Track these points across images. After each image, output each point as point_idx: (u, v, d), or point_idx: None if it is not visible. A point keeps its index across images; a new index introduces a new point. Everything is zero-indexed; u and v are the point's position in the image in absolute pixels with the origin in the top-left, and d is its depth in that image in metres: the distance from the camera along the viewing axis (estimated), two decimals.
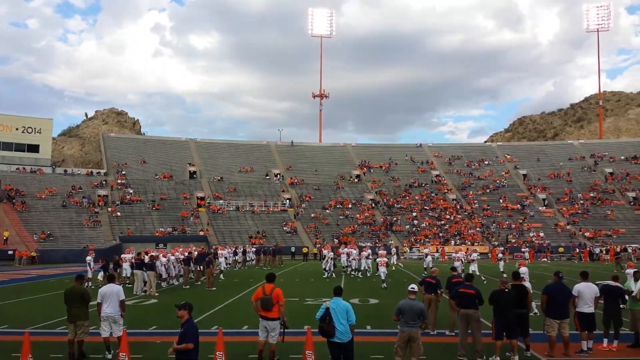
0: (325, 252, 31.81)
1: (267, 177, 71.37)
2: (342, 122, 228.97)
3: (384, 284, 23.52)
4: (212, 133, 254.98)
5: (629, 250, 50.71)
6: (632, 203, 65.19)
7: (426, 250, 34.45)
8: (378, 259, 26.05)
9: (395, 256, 35.26)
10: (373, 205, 65.59)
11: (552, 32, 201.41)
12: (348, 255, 31.08)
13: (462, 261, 29.61)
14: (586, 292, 10.85)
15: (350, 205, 65.17)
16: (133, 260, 24.02)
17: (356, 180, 72.34)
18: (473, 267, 27.68)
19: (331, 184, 70.36)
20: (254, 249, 43.62)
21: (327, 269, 29.72)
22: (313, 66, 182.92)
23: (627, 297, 11.48)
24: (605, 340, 11.12)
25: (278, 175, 71.72)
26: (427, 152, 79.61)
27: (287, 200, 65.33)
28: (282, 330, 9.91)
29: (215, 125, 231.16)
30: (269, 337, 9.98)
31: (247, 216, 61.51)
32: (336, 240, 56.03)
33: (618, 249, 50.45)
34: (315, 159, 76.68)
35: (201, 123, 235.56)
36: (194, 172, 70.24)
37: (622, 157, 74.92)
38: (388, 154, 78.87)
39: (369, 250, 31.87)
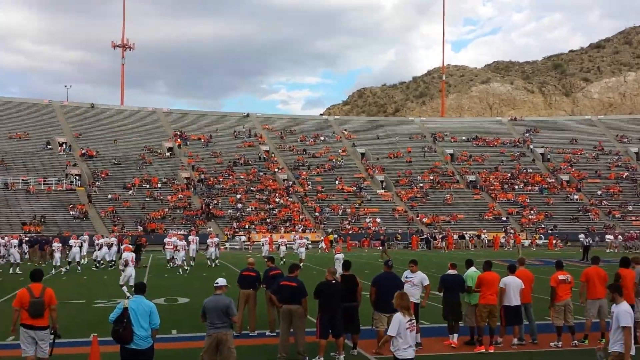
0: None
1: (49, 147, 66.54)
2: (152, 81, 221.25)
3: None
4: None
5: (467, 237, 56.26)
6: (469, 187, 71.20)
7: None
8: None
9: (214, 248, 32.25)
10: (189, 185, 64.78)
11: None
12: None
13: (307, 247, 31.76)
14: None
15: (159, 185, 63.68)
16: None
17: (168, 154, 70.70)
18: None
19: (136, 158, 67.87)
20: (26, 239, 40.46)
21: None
22: (113, 7, 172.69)
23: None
24: (453, 336, 12.04)
25: (64, 145, 67.28)
26: (255, 124, 79.95)
27: (76, 177, 61.69)
28: (51, 340, 9.40)
29: None
30: (38, 350, 9.35)
31: (19, 197, 56.83)
32: (140, 228, 54.21)
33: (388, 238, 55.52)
34: (116, 126, 73.31)
35: None
36: None
37: (464, 138, 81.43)
38: (209, 123, 78.01)
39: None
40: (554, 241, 55.32)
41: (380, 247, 40.21)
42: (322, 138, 79.34)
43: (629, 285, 12.08)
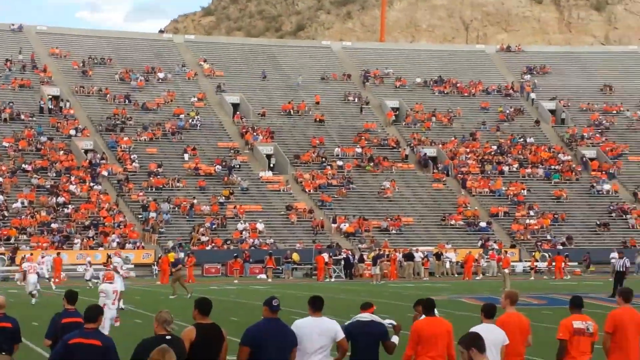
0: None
1: None
2: None
3: None
4: None
5: (417, 257, 47.59)
6: (425, 167, 61.86)
7: None
8: None
9: None
10: None
11: None
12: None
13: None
14: None
15: None
16: None
17: None
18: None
19: None
20: None
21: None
22: None
23: None
24: None
25: None
26: (34, 45, 65.27)
27: None
28: None
29: None
30: None
31: None
32: None
33: None
34: None
35: None
36: None
37: (418, 80, 72.18)
38: None
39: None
40: (567, 264, 47.91)
41: (172, 274, 33.76)
42: (160, 75, 66.63)
43: None
